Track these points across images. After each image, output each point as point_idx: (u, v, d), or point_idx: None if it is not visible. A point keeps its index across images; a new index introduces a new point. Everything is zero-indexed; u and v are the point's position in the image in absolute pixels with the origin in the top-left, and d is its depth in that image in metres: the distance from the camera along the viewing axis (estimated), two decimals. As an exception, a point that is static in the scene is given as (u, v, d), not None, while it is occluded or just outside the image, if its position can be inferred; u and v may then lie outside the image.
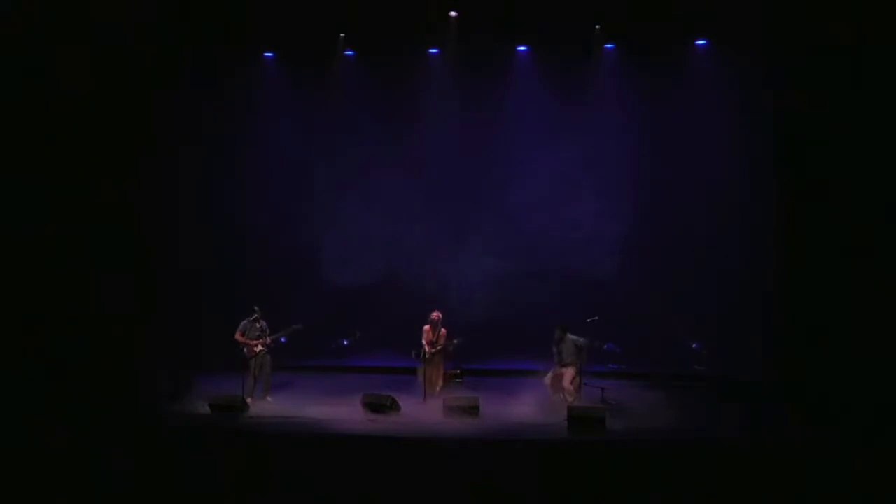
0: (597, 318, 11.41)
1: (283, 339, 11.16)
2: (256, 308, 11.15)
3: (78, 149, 11.45)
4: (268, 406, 10.73)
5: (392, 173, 14.16)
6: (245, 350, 11.06)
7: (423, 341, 11.31)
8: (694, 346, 13.20)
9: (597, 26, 13.58)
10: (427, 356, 11.19)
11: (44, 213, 11.09)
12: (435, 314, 11.36)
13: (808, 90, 11.70)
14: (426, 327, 11.37)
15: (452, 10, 13.29)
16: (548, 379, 10.86)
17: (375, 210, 14.28)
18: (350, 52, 14.29)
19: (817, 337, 11.28)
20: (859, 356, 10.50)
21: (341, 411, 10.21)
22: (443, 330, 11.28)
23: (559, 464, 8.43)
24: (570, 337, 10.84)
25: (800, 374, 11.30)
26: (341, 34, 14.03)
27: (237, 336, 11.12)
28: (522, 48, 14.05)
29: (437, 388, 11.20)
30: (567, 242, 13.79)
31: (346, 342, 13.93)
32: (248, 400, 10.58)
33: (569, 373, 10.66)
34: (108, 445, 8.54)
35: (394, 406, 10.20)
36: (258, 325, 11.12)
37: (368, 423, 9.74)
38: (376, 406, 10.14)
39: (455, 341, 11.14)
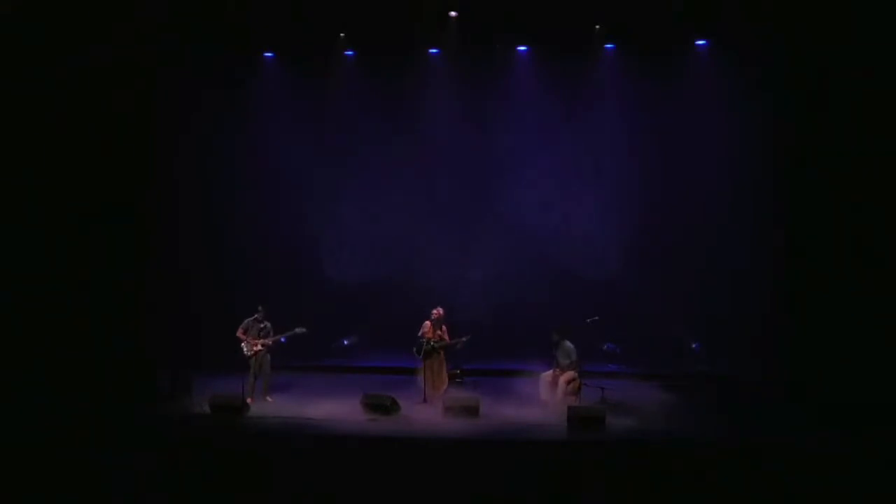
0: (597, 318, 11.40)
1: (283, 339, 11.15)
2: (260, 308, 11.14)
3: (77, 148, 11.44)
4: (268, 406, 10.72)
5: (392, 173, 14.22)
6: (244, 347, 11.06)
7: (422, 336, 11.14)
8: (694, 346, 13.20)
9: (597, 26, 13.58)
10: (426, 348, 11.00)
11: (43, 213, 11.09)
12: (436, 311, 11.20)
13: (808, 90, 11.69)
14: (427, 323, 11.21)
15: (452, 10, 13.29)
16: (546, 380, 10.85)
17: (375, 210, 14.32)
18: (350, 52, 14.28)
19: (818, 337, 11.27)
20: (860, 356, 10.48)
21: (341, 411, 10.20)
22: (443, 326, 11.20)
23: (559, 464, 8.43)
24: (567, 343, 10.81)
25: (801, 374, 11.29)
26: (341, 34, 14.02)
27: (239, 332, 11.11)
28: (522, 48, 14.04)
29: (440, 392, 11.02)
30: (567, 242, 13.81)
31: (346, 342, 13.94)
32: (249, 400, 10.58)
33: (567, 375, 10.65)
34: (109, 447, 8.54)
35: (394, 406, 10.18)
36: (261, 325, 11.12)
37: (368, 423, 9.74)
38: (376, 406, 10.12)
39: (463, 339, 11.05)
